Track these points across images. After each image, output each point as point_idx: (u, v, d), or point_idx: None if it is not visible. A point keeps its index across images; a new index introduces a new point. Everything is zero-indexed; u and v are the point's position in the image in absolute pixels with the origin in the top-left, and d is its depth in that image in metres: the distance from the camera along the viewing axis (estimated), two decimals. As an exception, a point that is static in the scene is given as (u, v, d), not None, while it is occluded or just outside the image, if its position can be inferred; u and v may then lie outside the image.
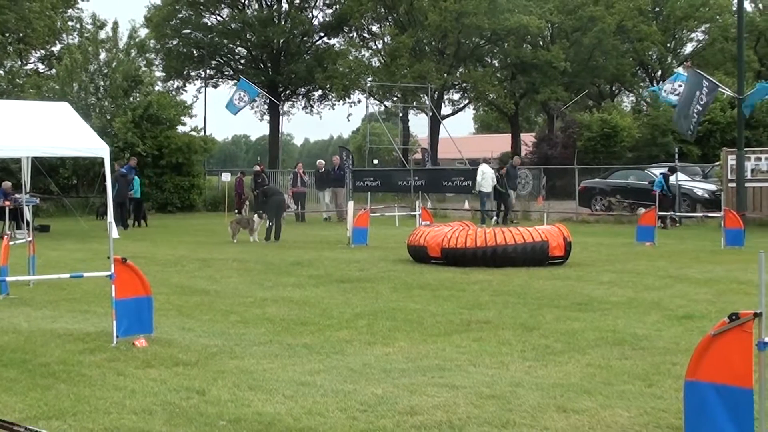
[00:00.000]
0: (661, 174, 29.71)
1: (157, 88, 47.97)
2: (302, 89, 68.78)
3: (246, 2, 66.35)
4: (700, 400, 5.61)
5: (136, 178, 33.02)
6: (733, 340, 5.48)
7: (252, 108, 66.82)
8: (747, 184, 27.58)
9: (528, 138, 60.69)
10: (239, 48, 68.36)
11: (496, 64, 67.08)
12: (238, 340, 9.94)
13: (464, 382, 7.88)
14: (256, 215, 24.90)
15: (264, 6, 66.15)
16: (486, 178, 31.90)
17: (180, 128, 43.18)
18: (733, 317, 5.49)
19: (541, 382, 7.90)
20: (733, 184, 27.70)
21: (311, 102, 69.92)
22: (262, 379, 8.07)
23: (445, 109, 68.81)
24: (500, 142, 78.49)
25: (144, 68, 45.38)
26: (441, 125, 61.99)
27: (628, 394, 7.44)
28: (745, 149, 28.24)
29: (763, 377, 5.62)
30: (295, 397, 7.43)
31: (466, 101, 70.96)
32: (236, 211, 37.83)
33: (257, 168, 37.42)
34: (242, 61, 68.66)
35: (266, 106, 67.28)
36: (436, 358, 8.95)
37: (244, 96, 43.42)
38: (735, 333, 5.48)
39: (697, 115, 25.97)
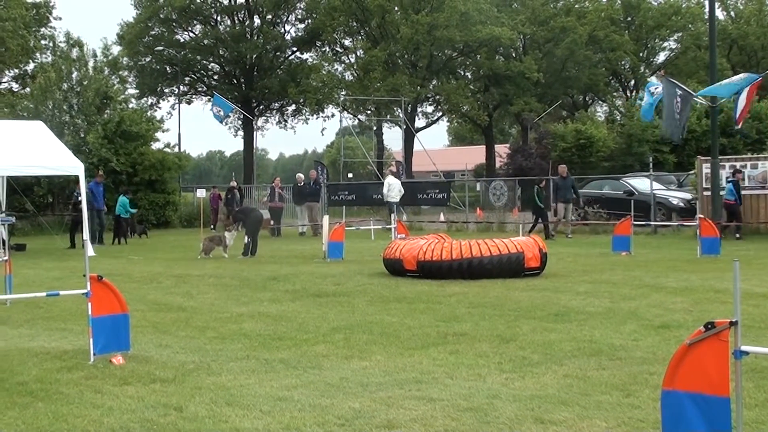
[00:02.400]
0: (729, 181, 27.77)
1: (131, 105, 47.80)
2: (276, 104, 68.85)
3: (218, 18, 66.41)
4: (677, 409, 5.63)
5: (124, 197, 33.10)
6: (709, 349, 5.50)
7: (226, 124, 66.79)
8: (722, 193, 27.71)
9: (502, 149, 60.85)
10: (212, 64, 68.40)
11: (469, 76, 67.36)
12: (215, 356, 9.90)
13: (441, 395, 7.87)
14: (226, 231, 24.91)
15: (236, 22, 66.18)
16: (392, 189, 33.07)
17: (154, 145, 43.03)
18: (709, 326, 5.52)
19: (518, 393, 7.90)
20: (708, 193, 27.82)
21: (285, 117, 69.99)
22: (240, 395, 8.03)
23: (419, 122, 69.10)
24: (475, 154, 78.82)
25: (117, 85, 45.24)
26: (415, 138, 62.13)
27: (606, 405, 7.45)
28: (720, 157, 28.39)
29: (740, 386, 5.64)
30: (273, 413, 7.40)
31: (440, 114, 71.23)
32: (212, 227, 37.72)
33: (232, 184, 37.32)
34: (215, 77, 68.67)
35: (240, 122, 67.26)
36: (413, 371, 8.94)
37: (219, 111, 43.53)
38: (711, 342, 5.50)
39: (680, 117, 26.07)
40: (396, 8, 60.57)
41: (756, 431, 6.59)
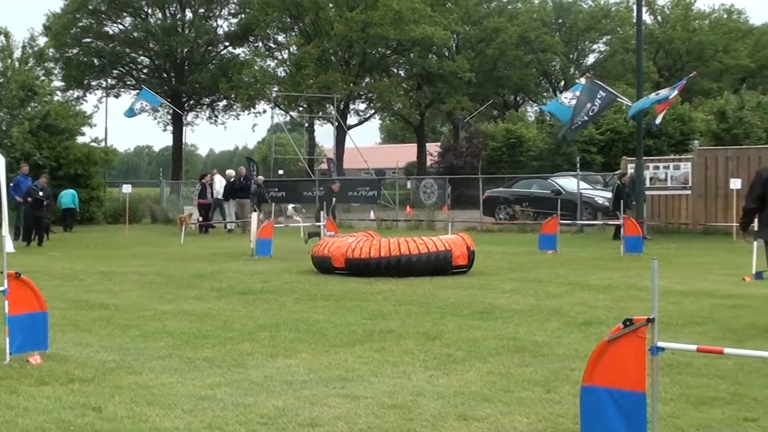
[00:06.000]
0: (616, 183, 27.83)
1: (56, 98, 46.95)
2: (206, 99, 68.14)
3: (149, 11, 65.55)
4: (595, 404, 5.69)
5: (73, 190, 32.76)
6: (627, 346, 5.57)
7: (155, 118, 66.10)
8: (646, 192, 28.08)
9: (434, 148, 61.05)
10: (142, 57, 67.47)
11: (402, 75, 67.42)
12: (137, 355, 9.76)
13: (366, 393, 7.86)
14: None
15: (167, 15, 65.39)
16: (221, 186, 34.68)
17: (80, 139, 42.31)
18: (627, 323, 5.58)
19: (442, 390, 7.92)
20: (633, 192, 28.15)
21: (216, 112, 69.30)
22: (161, 394, 7.92)
23: (351, 119, 68.92)
24: (406, 152, 78.91)
25: (43, 78, 44.39)
26: (347, 135, 62.10)
27: (527, 401, 7.50)
28: (645, 158, 28.75)
29: (656, 381, 5.72)
30: (194, 412, 7.32)
31: (372, 111, 71.16)
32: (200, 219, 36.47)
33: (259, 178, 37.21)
34: (145, 71, 67.75)
35: (169, 117, 66.50)
36: (338, 369, 8.91)
37: (146, 105, 42.86)
38: (629, 338, 5.57)
39: (581, 123, 26.30)
40: (330, 5, 60.40)
41: (670, 425, 6.68)
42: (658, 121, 27.17)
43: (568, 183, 34.07)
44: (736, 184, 26.45)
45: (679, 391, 7.73)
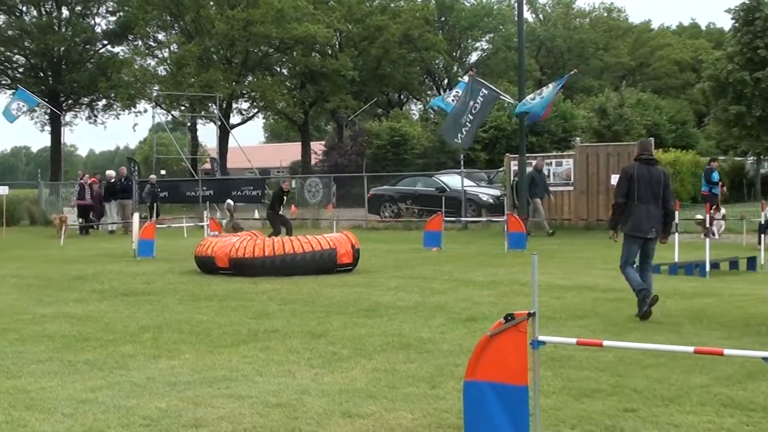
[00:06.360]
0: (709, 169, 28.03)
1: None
2: (85, 98, 66.76)
3: (24, 8, 63.91)
4: (478, 398, 5.74)
5: None
6: (509, 340, 5.63)
7: (32, 118, 64.52)
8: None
9: (318, 146, 60.99)
10: (17, 56, 65.76)
11: (285, 73, 67.17)
12: (15, 359, 9.52)
13: (250, 392, 7.83)
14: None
15: (43, 12, 63.81)
16: None
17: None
18: (509, 318, 5.65)
19: (327, 388, 7.92)
20: (516, 189, 28.54)
21: (95, 112, 67.90)
22: (40, 398, 7.75)
23: (234, 119, 68.36)
24: (291, 151, 78.66)
25: None
26: (230, 134, 61.58)
27: (412, 397, 7.55)
28: (528, 155, 29.16)
29: (537, 374, 5.80)
30: (75, 415, 7.19)
31: (256, 110, 70.73)
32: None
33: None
34: (20, 70, 66.01)
35: (47, 117, 64.96)
36: (222, 369, 8.85)
37: (22, 106, 41.74)
38: (510, 333, 5.63)
39: (471, 124, 26.46)
40: (211, 3, 59.79)
41: (553, 418, 6.79)
42: (538, 116, 27.65)
43: (453, 180, 34.35)
44: (616, 180, 26.90)
45: (561, 384, 7.87)
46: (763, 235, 18.65)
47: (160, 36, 65.38)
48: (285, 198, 25.84)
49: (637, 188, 11.57)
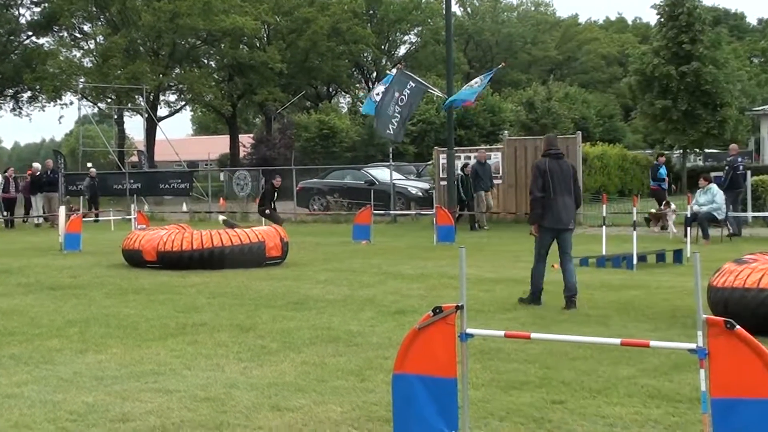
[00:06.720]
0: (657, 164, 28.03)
1: None
2: (10, 90, 65.70)
3: (-54, -1, 62.73)
4: (407, 391, 5.75)
5: None
6: (437, 333, 5.65)
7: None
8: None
9: (246, 139, 60.68)
10: (-62, 48, 64.53)
11: (213, 65, 66.77)
12: (-62, 355, 9.37)
13: (179, 386, 7.78)
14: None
15: (-34, 3, 62.76)
16: None
17: None
18: (437, 310, 5.67)
19: (256, 382, 7.90)
20: (445, 182, 28.68)
21: (20, 104, 66.92)
22: (-36, 394, 7.63)
23: (162, 111, 67.87)
24: (219, 144, 78.16)
25: None
26: (157, 127, 61.01)
27: (341, 390, 7.56)
28: (456, 148, 29.29)
29: (466, 367, 5.84)
30: (0, 411, 7.10)
31: (183, 103, 70.20)
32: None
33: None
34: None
35: (-29, 110, 63.89)
36: (150, 363, 8.78)
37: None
38: (438, 326, 5.65)
39: (400, 116, 26.45)
40: (138, -7, 59.29)
41: (481, 410, 6.84)
42: (462, 102, 27.76)
43: (382, 173, 34.42)
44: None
45: (489, 377, 7.93)
46: (689, 228, 18.97)
47: (86, 27, 64.63)
48: (276, 194, 25.45)
49: (552, 182, 11.82)
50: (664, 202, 24.46)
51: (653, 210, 25.14)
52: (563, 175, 11.93)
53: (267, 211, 24.59)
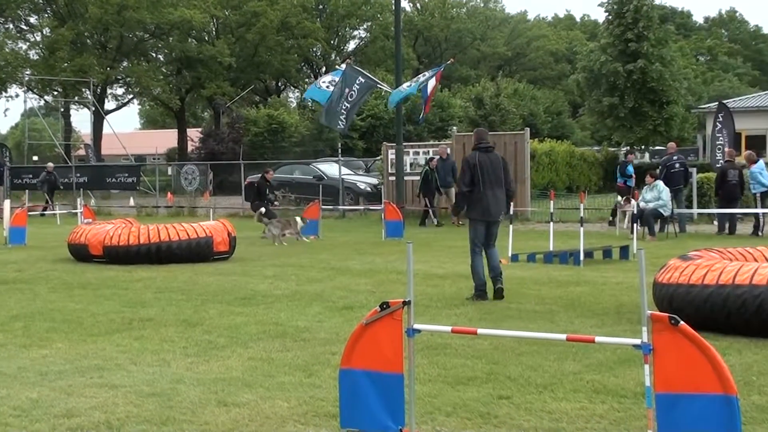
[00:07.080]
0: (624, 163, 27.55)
1: None
2: (-46, 83, 64.77)
3: None
4: (353, 387, 5.77)
5: None
6: (384, 328, 5.67)
7: None
8: (406, 177, 28.65)
9: (195, 133, 60.37)
10: None
11: (161, 59, 66.30)
12: None
13: (124, 382, 7.73)
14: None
15: None
16: None
17: None
18: (384, 306, 5.68)
19: (202, 377, 7.86)
20: (393, 178, 28.73)
21: (-35, 96, 65.96)
22: None
23: (109, 104, 67.29)
24: (167, 138, 77.59)
25: None
26: (105, 120, 60.47)
27: (288, 385, 7.54)
28: (405, 144, 29.35)
29: (413, 362, 5.85)
30: (-59, 408, 7.00)
31: (131, 96, 69.64)
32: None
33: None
34: None
35: None
36: (95, 359, 8.72)
37: None
38: (385, 321, 5.67)
39: (347, 111, 26.34)
40: (85, -14, 58.69)
41: (428, 405, 6.85)
42: (422, 116, 28.05)
43: (330, 168, 34.39)
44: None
45: (436, 372, 7.95)
46: (635, 224, 19.15)
47: (32, 19, 63.86)
48: (268, 187, 24.74)
49: (482, 176, 11.96)
50: (624, 198, 24.61)
51: (620, 198, 25.10)
52: (493, 168, 12.09)
53: (263, 209, 23.57)
